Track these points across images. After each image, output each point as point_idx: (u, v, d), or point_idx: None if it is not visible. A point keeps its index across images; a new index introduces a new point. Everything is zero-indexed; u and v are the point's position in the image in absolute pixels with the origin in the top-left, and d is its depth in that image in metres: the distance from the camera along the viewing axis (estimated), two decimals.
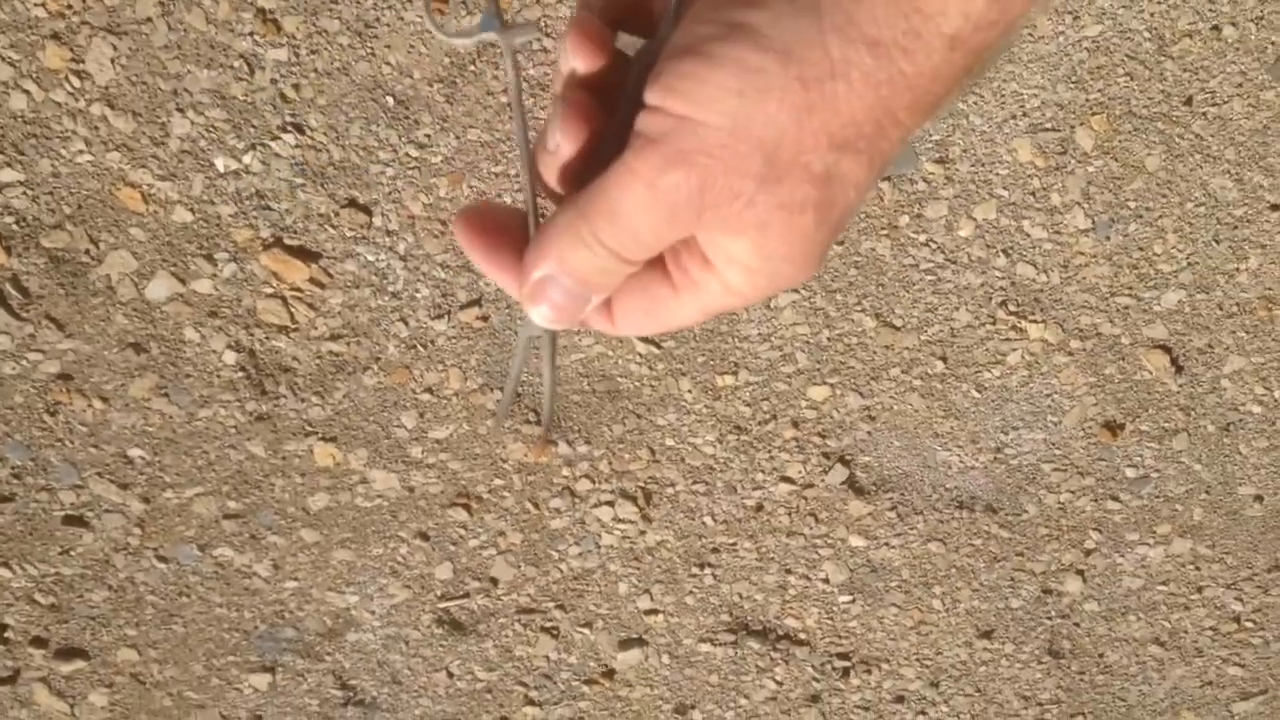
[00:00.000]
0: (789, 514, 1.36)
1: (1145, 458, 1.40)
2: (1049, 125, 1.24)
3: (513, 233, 0.38)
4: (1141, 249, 1.31)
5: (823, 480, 1.35)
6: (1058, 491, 1.40)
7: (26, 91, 1.06)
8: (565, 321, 0.36)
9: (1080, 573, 1.44)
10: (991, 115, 1.24)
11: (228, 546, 1.26)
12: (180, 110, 1.09)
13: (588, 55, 0.34)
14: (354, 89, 1.12)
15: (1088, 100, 1.24)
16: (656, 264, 0.36)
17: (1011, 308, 1.31)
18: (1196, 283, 1.33)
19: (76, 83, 1.06)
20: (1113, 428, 1.38)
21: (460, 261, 1.21)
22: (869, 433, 1.34)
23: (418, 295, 1.21)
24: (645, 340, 1.28)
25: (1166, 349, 1.35)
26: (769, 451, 1.34)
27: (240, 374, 1.20)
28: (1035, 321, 1.32)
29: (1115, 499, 1.41)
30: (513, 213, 0.38)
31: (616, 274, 0.35)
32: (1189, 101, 1.25)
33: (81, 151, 1.08)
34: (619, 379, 1.28)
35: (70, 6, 1.05)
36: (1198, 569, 1.47)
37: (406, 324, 1.22)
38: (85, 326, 1.15)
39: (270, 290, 1.17)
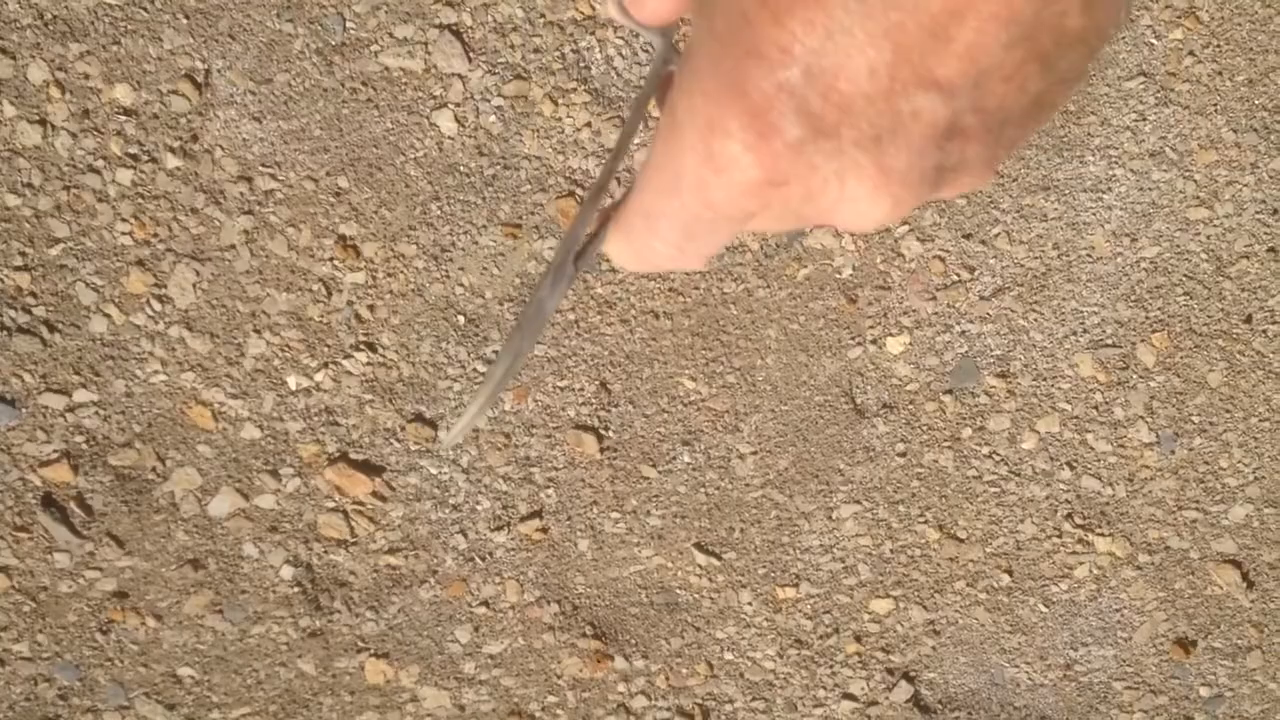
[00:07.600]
0: None
1: (1219, 675, 1.35)
2: (1109, 341, 1.25)
3: None
4: (1207, 463, 1.30)
5: (886, 698, 1.30)
6: (1130, 711, 1.35)
7: (108, 315, 1.07)
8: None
9: None
10: (1052, 331, 1.25)
11: None
12: (257, 331, 1.11)
13: None
14: (427, 309, 1.14)
15: (1148, 318, 1.25)
16: None
17: (1078, 520, 1.29)
18: (1264, 497, 1.31)
19: (157, 306, 1.08)
20: (1185, 644, 1.34)
21: (522, 474, 1.20)
22: (934, 648, 1.30)
23: (478, 507, 1.19)
24: (705, 551, 1.26)
25: (1237, 564, 1.33)
26: (831, 667, 1.29)
27: (296, 589, 1.17)
28: (1102, 535, 1.30)
29: (1190, 719, 1.36)
30: None
31: None
32: (1249, 319, 1.26)
33: (156, 372, 1.09)
34: (678, 591, 1.25)
35: (156, 234, 1.07)
36: None
37: (466, 536, 1.20)
38: (145, 544, 1.13)
39: (332, 504, 1.16)
